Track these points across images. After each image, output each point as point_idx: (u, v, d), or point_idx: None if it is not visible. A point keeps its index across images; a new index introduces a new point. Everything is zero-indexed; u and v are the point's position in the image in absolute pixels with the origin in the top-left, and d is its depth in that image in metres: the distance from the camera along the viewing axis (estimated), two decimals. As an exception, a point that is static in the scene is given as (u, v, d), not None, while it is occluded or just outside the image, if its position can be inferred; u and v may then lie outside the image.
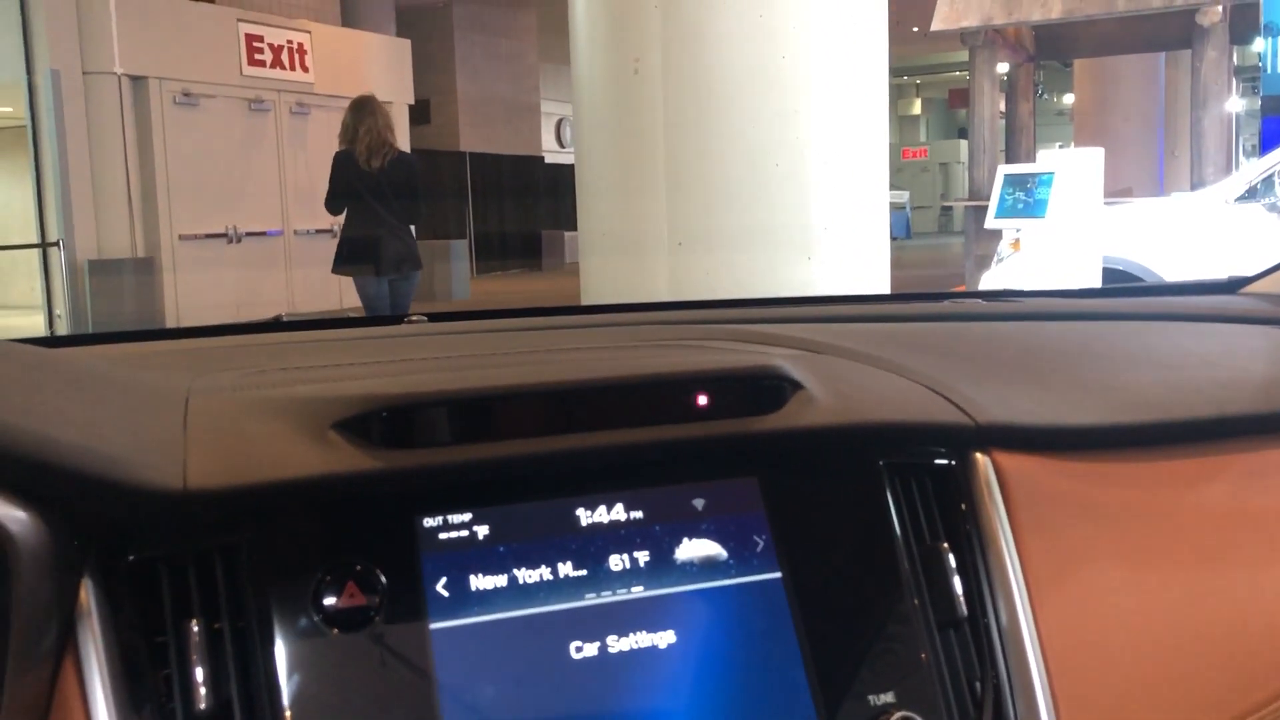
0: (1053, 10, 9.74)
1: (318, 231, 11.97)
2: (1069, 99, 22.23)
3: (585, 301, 4.51)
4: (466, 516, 0.65)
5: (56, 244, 9.75)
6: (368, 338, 1.07)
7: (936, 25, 10.29)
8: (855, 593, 0.70)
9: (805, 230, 4.40)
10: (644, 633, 0.66)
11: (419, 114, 14.21)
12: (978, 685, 0.71)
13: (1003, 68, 11.27)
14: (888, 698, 0.68)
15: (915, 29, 15.29)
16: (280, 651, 0.60)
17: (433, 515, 0.65)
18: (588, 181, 4.87)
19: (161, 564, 0.61)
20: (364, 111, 5.62)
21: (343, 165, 5.62)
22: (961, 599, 0.73)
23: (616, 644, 0.65)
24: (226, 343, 1.04)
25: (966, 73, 11.25)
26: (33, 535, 0.54)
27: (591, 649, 0.64)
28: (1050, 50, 11.37)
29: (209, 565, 0.62)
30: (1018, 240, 5.88)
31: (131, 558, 0.60)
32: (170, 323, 9.95)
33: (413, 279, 5.88)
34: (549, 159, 18.25)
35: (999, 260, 6.22)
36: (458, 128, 16.04)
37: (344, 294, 12.19)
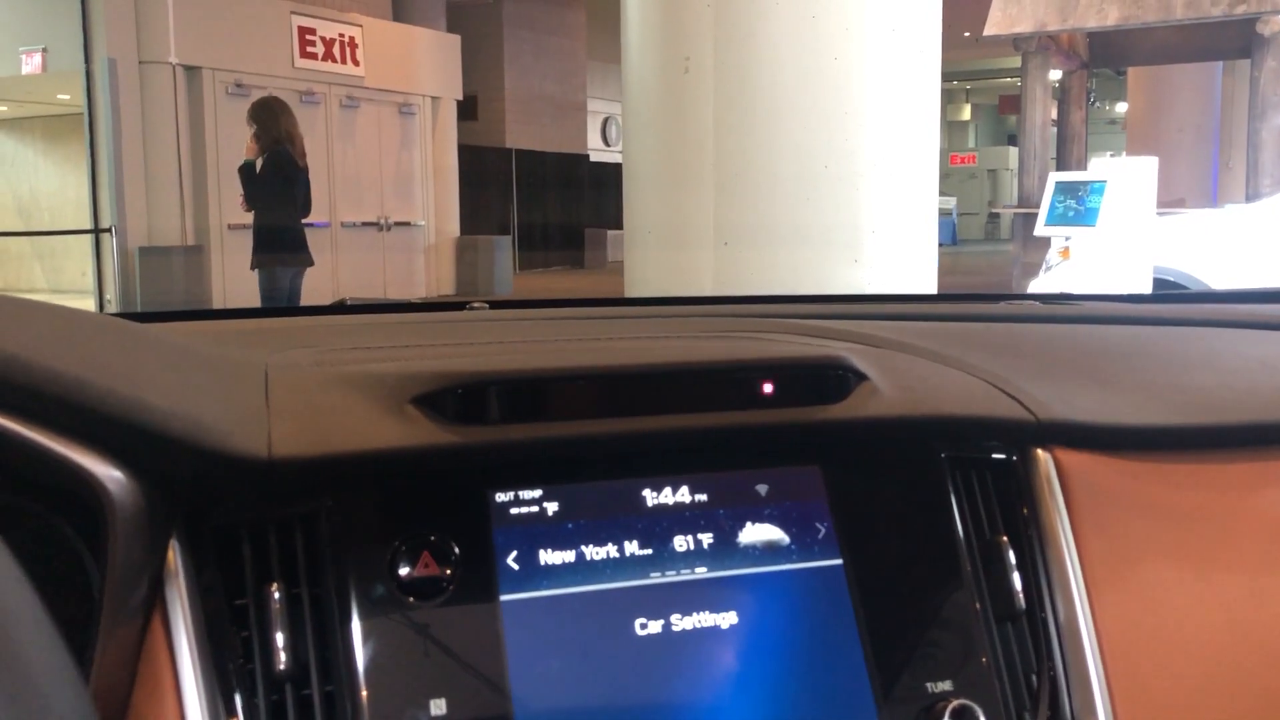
0: (1108, 17, 9.63)
1: (364, 224, 12.10)
2: (1121, 108, 21.93)
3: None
4: (537, 493, 0.67)
5: (109, 230, 9.92)
6: (432, 321, 1.09)
7: (989, 30, 10.21)
8: (915, 582, 0.71)
9: (853, 232, 4.39)
10: (707, 612, 0.67)
11: (466, 110, 14.30)
12: (1034, 678, 0.72)
13: (1055, 74, 11.15)
14: (945, 686, 0.68)
15: (967, 34, 15.16)
16: (356, 617, 0.62)
17: (504, 490, 0.66)
18: (635, 178, 4.89)
19: (244, 530, 0.63)
20: (288, 113, 5.99)
21: (284, 162, 5.90)
22: (1020, 593, 0.73)
23: (680, 622, 0.66)
24: (295, 323, 1.06)
25: (1017, 79, 11.14)
26: (128, 495, 0.57)
27: (656, 626, 0.66)
28: (1104, 57, 11.23)
29: (289, 532, 0.64)
30: (1067, 248, 5.82)
31: (215, 523, 0.63)
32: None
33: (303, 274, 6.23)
34: (594, 157, 18.29)
35: (1047, 268, 6.16)
36: (504, 124, 16.11)
37: (389, 286, 12.31)
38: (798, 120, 4.42)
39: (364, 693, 0.60)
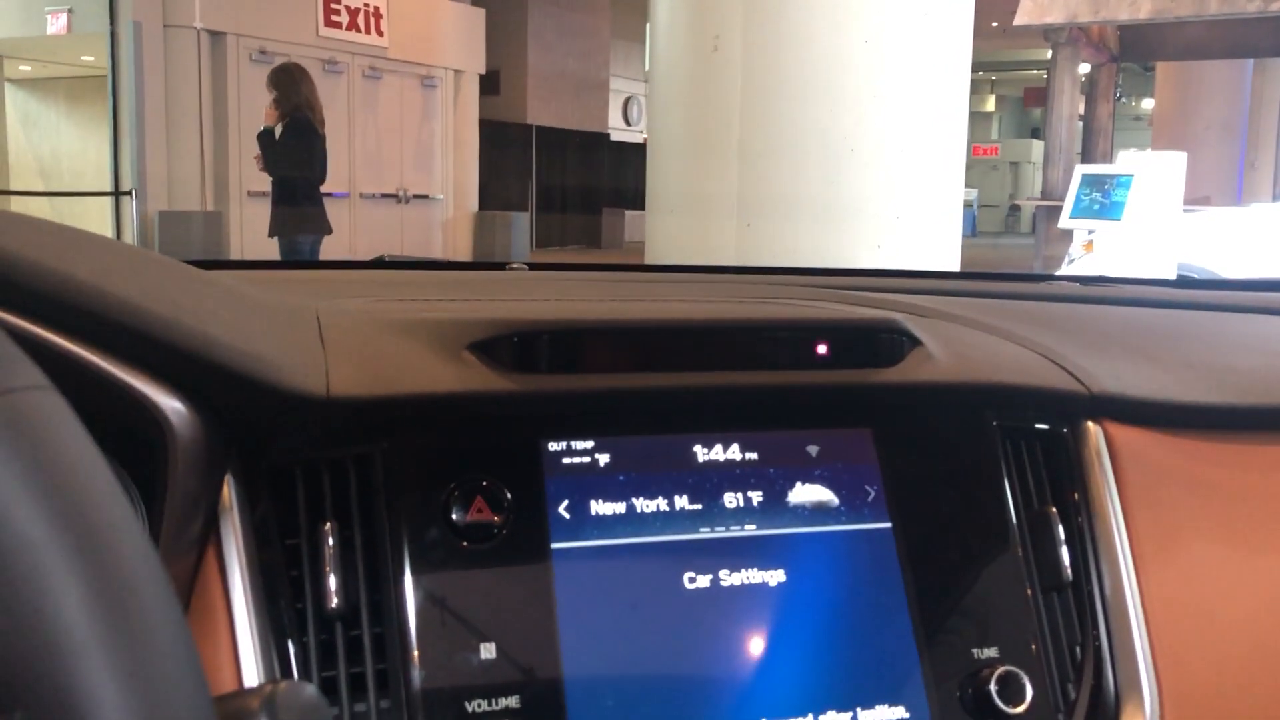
0: (1141, 10, 9.53)
1: (383, 196, 12.09)
2: (1146, 104, 21.76)
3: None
4: (589, 444, 0.67)
5: (129, 193, 9.94)
6: (472, 280, 1.09)
7: (1020, 20, 10.12)
8: (963, 549, 0.71)
9: (877, 217, 4.37)
10: (755, 569, 0.67)
11: (488, 84, 14.25)
12: (1078, 650, 0.72)
13: (1083, 68, 11.07)
14: (991, 652, 0.68)
15: (995, 24, 15.05)
16: (408, 559, 0.62)
17: (557, 440, 0.66)
18: (660, 153, 4.87)
19: (298, 469, 0.63)
20: (308, 79, 5.95)
21: (303, 129, 5.90)
22: (1067, 565, 0.73)
23: (729, 578, 0.66)
24: (337, 275, 1.06)
25: (1043, 71, 11.06)
26: (188, 427, 0.57)
27: (704, 581, 0.66)
28: (1134, 51, 11.14)
29: (343, 473, 0.64)
30: (1091, 242, 5.79)
31: (271, 461, 0.63)
32: (236, 276, 10.06)
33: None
34: (615, 136, 18.23)
35: (1070, 261, 6.13)
36: (526, 100, 16.06)
37: (405, 254, 12.30)
38: (825, 102, 4.39)
39: (414, 635, 0.60)
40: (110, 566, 0.31)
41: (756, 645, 0.65)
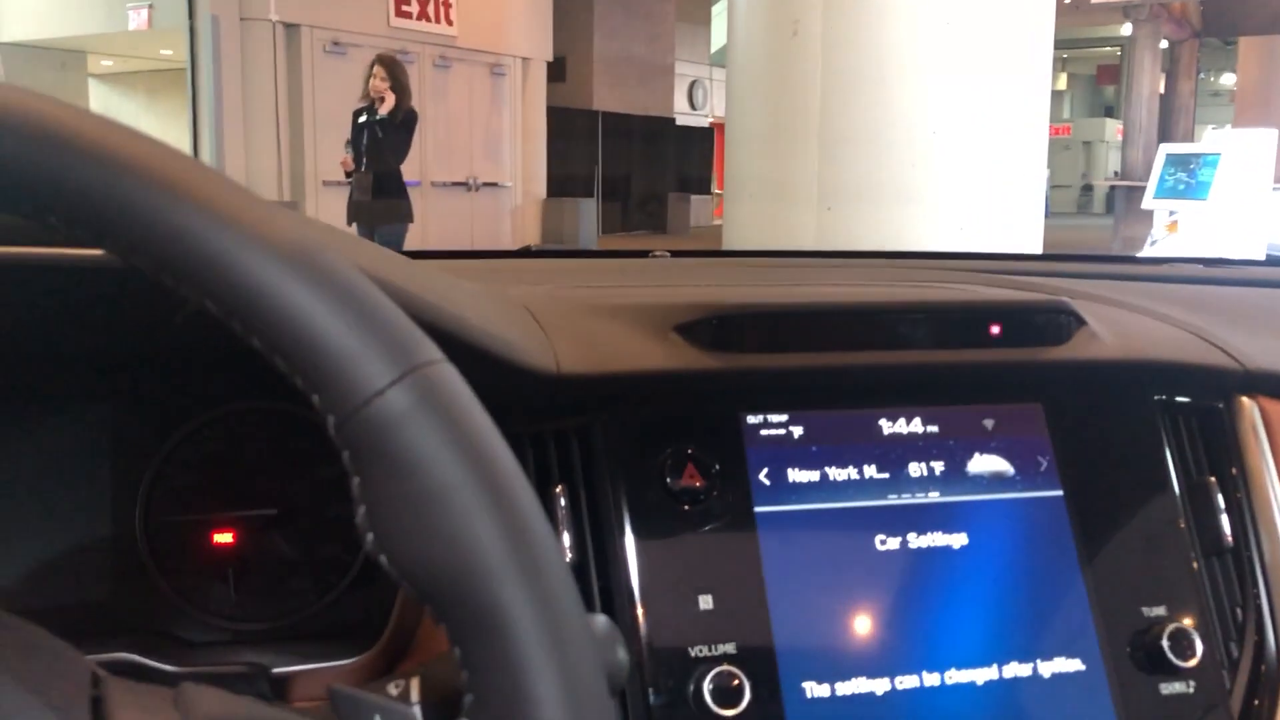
0: (1225, -17, 9.32)
1: (453, 184, 12.24)
2: (1226, 79, 21.19)
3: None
4: (784, 417, 0.73)
5: (210, 184, 10.16)
6: (625, 268, 1.15)
7: (1097, -4, 9.94)
8: (1129, 515, 0.76)
9: (959, 200, 4.37)
10: (940, 533, 0.72)
11: (555, 71, 14.33)
12: (1239, 611, 0.76)
13: (1162, 44, 10.84)
14: (1160, 611, 0.73)
15: (1068, 0, 14.75)
16: (630, 518, 0.68)
17: (755, 413, 0.72)
18: (738, 139, 4.91)
19: (525, 438, 0.70)
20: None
21: (412, 119, 6.03)
22: (1228, 531, 0.77)
23: (916, 541, 0.72)
24: (498, 265, 1.13)
25: (1116, 48, 10.83)
26: None
27: (894, 543, 0.71)
28: (1217, 26, 10.87)
29: (566, 442, 0.70)
30: (1174, 222, 5.70)
31: (504, 433, 0.69)
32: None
33: None
34: (680, 121, 18.22)
35: (1152, 243, 6.04)
36: (592, 86, 16.11)
37: (475, 240, 12.45)
38: (906, 85, 4.39)
39: (638, 586, 0.67)
40: (513, 507, 0.37)
41: (943, 602, 0.71)
